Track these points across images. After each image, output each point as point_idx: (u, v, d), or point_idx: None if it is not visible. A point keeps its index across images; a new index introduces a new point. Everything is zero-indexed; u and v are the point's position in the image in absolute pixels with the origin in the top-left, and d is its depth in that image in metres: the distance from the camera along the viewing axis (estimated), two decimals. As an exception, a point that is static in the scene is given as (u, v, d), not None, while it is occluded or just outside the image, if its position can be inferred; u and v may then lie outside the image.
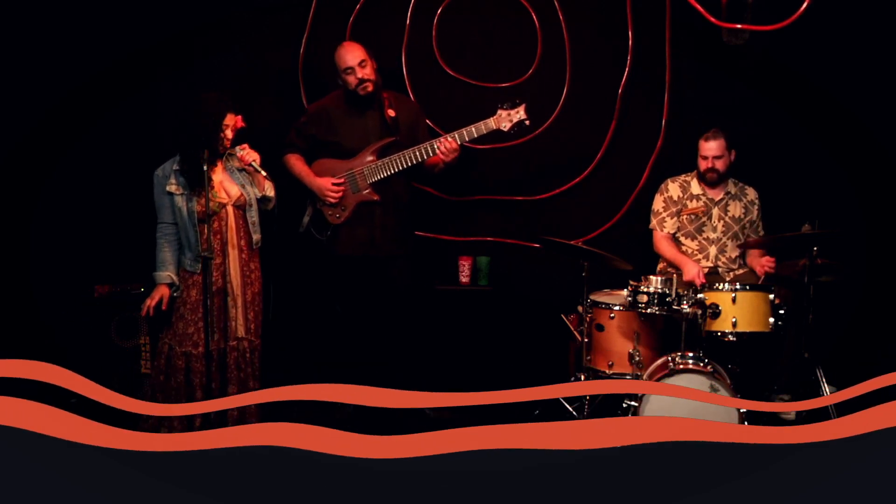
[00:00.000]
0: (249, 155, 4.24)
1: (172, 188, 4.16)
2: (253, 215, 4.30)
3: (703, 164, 4.71)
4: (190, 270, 4.22)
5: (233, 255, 4.23)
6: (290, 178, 4.76)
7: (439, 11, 5.10)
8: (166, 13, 4.95)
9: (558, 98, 5.12)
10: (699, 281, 4.52)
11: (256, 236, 4.31)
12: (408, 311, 4.85)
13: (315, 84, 5.17)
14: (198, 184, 4.13)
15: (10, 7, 4.79)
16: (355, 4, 5.09)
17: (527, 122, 4.61)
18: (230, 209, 4.23)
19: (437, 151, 4.55)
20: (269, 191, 4.33)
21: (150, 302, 4.18)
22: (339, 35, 5.10)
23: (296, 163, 4.74)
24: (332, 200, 4.65)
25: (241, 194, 4.26)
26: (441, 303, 5.08)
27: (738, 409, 3.93)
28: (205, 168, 4.04)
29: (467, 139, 4.58)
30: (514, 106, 4.58)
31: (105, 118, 5.00)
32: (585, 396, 4.44)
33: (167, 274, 4.20)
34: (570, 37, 5.08)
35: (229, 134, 4.20)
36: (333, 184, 4.64)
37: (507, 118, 4.58)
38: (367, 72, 4.60)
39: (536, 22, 5.08)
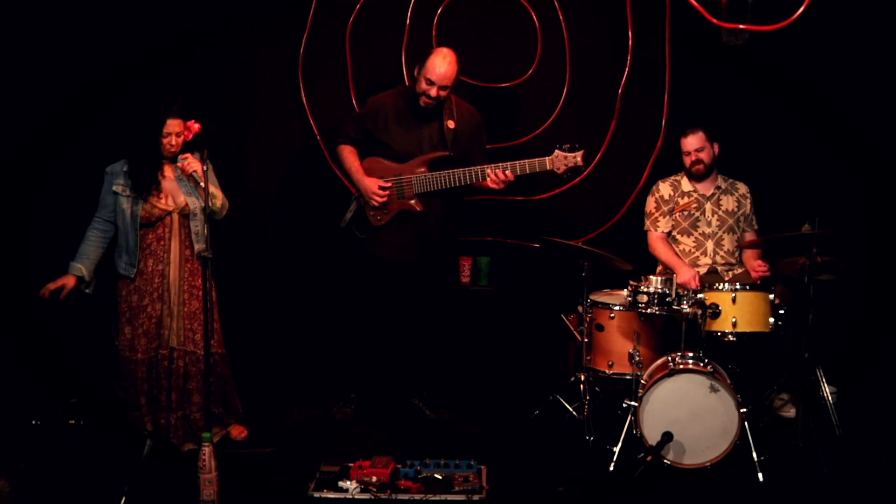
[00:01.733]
0: (190, 165, 4.13)
1: (119, 189, 4.12)
2: (197, 225, 4.20)
3: (687, 160, 4.74)
4: (124, 275, 4.18)
5: (174, 263, 4.19)
6: (341, 169, 4.77)
7: (439, 11, 5.10)
8: (166, 13, 4.96)
9: (558, 98, 5.12)
10: (693, 285, 4.52)
11: (198, 246, 4.20)
12: (434, 319, 4.84)
13: (315, 84, 5.17)
14: (144, 188, 4.10)
15: (10, 7, 4.79)
16: (355, 4, 5.10)
17: (582, 169, 4.53)
18: (175, 217, 4.18)
19: (488, 179, 4.46)
20: (215, 202, 4.21)
21: (52, 285, 4.12)
22: (339, 35, 5.11)
23: (348, 156, 4.65)
24: (376, 203, 4.58)
25: (187, 203, 4.19)
26: (441, 303, 5.07)
27: (739, 410, 3.93)
28: (206, 168, 4.02)
29: (519, 173, 4.47)
30: (572, 150, 4.42)
31: (105, 118, 5.00)
32: (585, 396, 4.44)
33: (80, 267, 4.14)
34: (570, 37, 5.08)
35: (173, 140, 4.13)
36: (380, 187, 4.56)
37: (563, 161, 4.43)
38: (442, 94, 4.47)
39: (536, 22, 5.09)
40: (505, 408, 4.92)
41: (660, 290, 4.21)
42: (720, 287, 4.27)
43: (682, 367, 4.04)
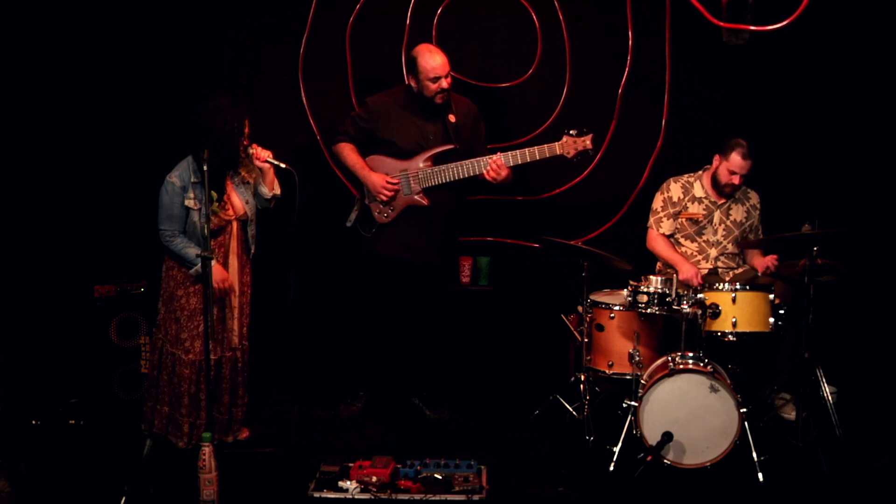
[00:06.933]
0: (263, 152, 4.22)
1: (191, 203, 4.10)
2: (253, 229, 4.32)
3: (726, 178, 4.62)
4: (192, 276, 4.21)
5: (233, 267, 4.25)
6: (341, 167, 4.80)
7: (439, 11, 5.10)
8: (166, 13, 4.96)
9: (558, 98, 5.12)
10: (696, 282, 4.51)
11: (253, 248, 4.34)
12: (435, 317, 4.85)
13: (315, 84, 5.17)
14: (219, 199, 4.13)
15: (11, 7, 4.79)
16: (355, 4, 5.09)
17: (591, 153, 4.54)
18: (234, 222, 4.24)
19: (486, 170, 4.49)
20: (278, 188, 4.35)
21: (225, 284, 4.18)
22: (339, 35, 5.11)
23: (350, 153, 4.65)
24: (384, 198, 4.58)
25: (245, 209, 4.26)
26: (442, 301, 5.07)
27: (739, 410, 3.93)
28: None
29: (529, 160, 4.49)
30: (581, 134, 4.46)
31: (105, 118, 5.00)
32: (585, 396, 4.44)
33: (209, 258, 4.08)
34: (570, 37, 5.08)
35: (245, 140, 4.19)
36: (388, 181, 4.58)
37: (572, 145, 4.47)
38: (449, 81, 4.51)
39: (536, 22, 5.08)
40: (505, 408, 4.92)
41: (660, 290, 4.21)
42: (720, 287, 4.26)
43: (682, 367, 4.04)
